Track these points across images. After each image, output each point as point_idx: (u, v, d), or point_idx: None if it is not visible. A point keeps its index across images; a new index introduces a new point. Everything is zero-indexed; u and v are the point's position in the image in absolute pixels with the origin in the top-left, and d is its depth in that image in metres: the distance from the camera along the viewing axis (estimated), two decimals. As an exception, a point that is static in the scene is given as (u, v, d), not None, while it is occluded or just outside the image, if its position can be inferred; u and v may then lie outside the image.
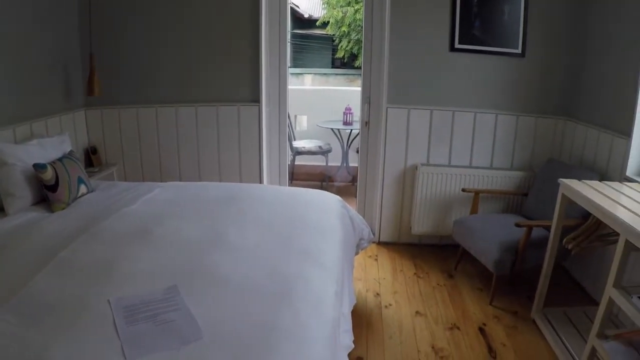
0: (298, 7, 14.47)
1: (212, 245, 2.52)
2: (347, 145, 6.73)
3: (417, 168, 4.36)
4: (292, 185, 5.78)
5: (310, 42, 14.92)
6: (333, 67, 14.53)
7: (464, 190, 4.21)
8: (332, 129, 6.65)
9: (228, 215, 2.97)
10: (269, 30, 4.47)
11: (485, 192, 4.22)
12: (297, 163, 6.87)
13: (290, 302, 2.02)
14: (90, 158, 4.44)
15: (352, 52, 13.67)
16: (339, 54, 13.93)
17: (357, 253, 3.53)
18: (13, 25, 3.50)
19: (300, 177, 7.02)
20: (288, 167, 5.09)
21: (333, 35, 13.86)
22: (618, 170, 3.40)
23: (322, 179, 6.85)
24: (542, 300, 3.33)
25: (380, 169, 4.50)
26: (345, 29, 13.46)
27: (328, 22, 13.66)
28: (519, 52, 4.15)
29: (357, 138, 5.32)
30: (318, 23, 14.08)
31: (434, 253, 4.47)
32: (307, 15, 14.95)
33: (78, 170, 3.45)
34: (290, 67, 11.50)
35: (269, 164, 4.79)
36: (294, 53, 14.23)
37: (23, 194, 3.12)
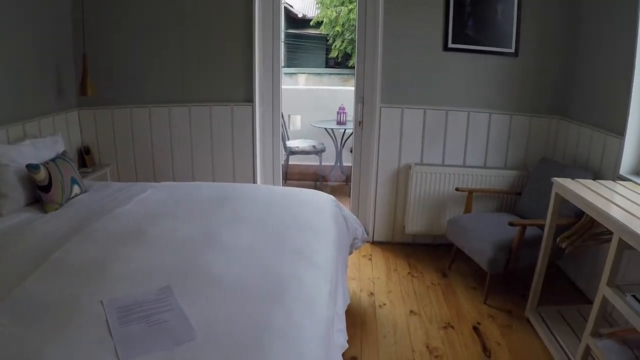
0: (292, 6, 14.47)
1: (205, 246, 2.51)
2: (340, 145, 6.73)
3: (410, 167, 4.36)
4: (285, 185, 5.77)
5: (304, 41, 14.92)
6: (327, 66, 14.54)
7: (458, 190, 4.22)
8: (325, 129, 6.65)
9: (221, 216, 2.96)
10: (263, 30, 4.46)
11: (479, 191, 4.23)
12: (290, 163, 6.86)
13: (284, 302, 2.02)
14: (84, 158, 4.42)
15: (345, 51, 13.69)
16: (333, 54, 13.94)
17: (351, 252, 3.52)
18: (5, 25, 3.48)
19: (294, 176, 7.01)
20: (282, 166, 5.08)
21: (327, 35, 13.86)
22: (611, 169, 3.41)
23: (315, 179, 6.85)
24: (536, 299, 3.33)
25: (374, 169, 4.50)
26: (339, 29, 13.47)
27: (322, 21, 13.67)
28: (513, 51, 4.16)
29: (350, 138, 5.32)
30: (312, 23, 14.08)
31: (428, 252, 4.47)
32: (300, 15, 14.95)
33: (71, 171, 3.44)
34: (284, 66, 11.51)
35: (263, 164, 4.78)
36: (288, 53, 14.22)
37: (16, 195, 3.11)
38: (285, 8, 13.54)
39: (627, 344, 2.37)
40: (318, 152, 6.58)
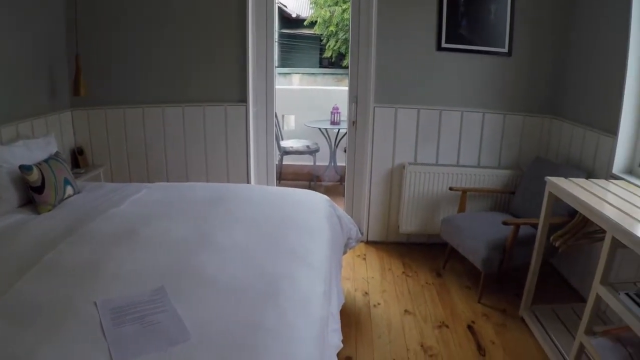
0: (285, 6, 14.46)
1: (199, 246, 2.51)
2: (334, 145, 6.72)
3: (404, 167, 4.36)
4: (280, 185, 5.77)
5: (298, 41, 14.91)
6: (321, 66, 14.54)
7: (452, 189, 4.22)
8: (319, 129, 6.64)
9: (215, 216, 2.95)
10: (256, 30, 4.45)
11: (473, 190, 4.23)
12: (284, 163, 6.86)
13: (278, 302, 2.01)
14: (77, 159, 4.39)
15: (339, 51, 13.69)
16: (327, 54, 13.94)
17: (345, 252, 3.52)
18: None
19: (288, 176, 7.01)
20: (276, 167, 5.07)
21: (321, 35, 13.86)
22: (604, 168, 3.42)
23: (310, 179, 6.84)
24: (530, 298, 3.34)
25: (368, 169, 4.50)
26: (333, 29, 13.47)
27: (316, 21, 13.66)
28: (506, 51, 4.17)
29: (344, 137, 5.32)
30: (306, 23, 14.08)
31: (422, 252, 4.47)
32: (294, 15, 14.94)
33: (64, 172, 3.42)
34: (278, 66, 11.51)
35: (257, 164, 4.77)
36: (282, 53, 14.22)
37: (9, 196, 3.09)
38: (279, 8, 13.53)
39: (620, 342, 2.38)
40: (312, 152, 6.57)
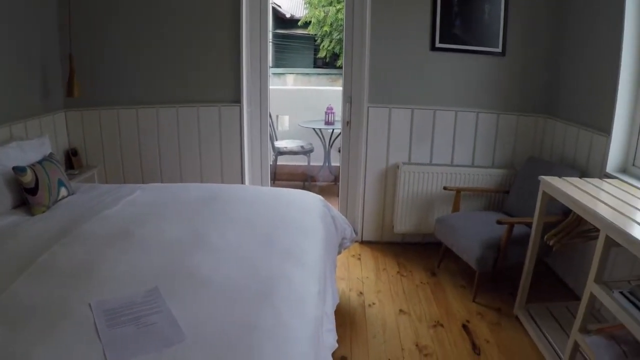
0: (280, 7, 14.48)
1: (193, 247, 2.50)
2: (329, 145, 6.73)
3: (398, 167, 4.36)
4: (274, 186, 5.77)
5: (292, 42, 14.93)
6: (315, 66, 14.56)
7: (446, 189, 4.23)
8: (314, 129, 6.64)
9: (210, 216, 2.94)
10: (250, 31, 4.45)
11: (467, 190, 4.24)
12: (279, 163, 6.85)
13: (272, 302, 2.01)
14: (71, 160, 4.37)
15: (334, 51, 13.70)
16: (321, 54, 13.95)
17: (339, 252, 3.52)
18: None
19: (283, 177, 7.00)
20: (270, 167, 5.07)
21: (315, 35, 13.87)
22: (598, 167, 3.43)
23: (304, 179, 6.84)
24: (524, 297, 3.35)
25: (362, 169, 4.50)
26: (327, 29, 13.48)
27: (310, 22, 13.68)
28: (500, 51, 4.17)
29: (339, 138, 5.32)
30: (300, 23, 14.09)
31: (417, 251, 4.48)
32: (288, 15, 14.96)
33: (58, 173, 3.41)
34: (272, 67, 11.49)
35: (251, 165, 4.77)
36: (276, 53, 14.23)
37: (2, 198, 3.07)
38: (273, 8, 13.54)
39: (614, 340, 2.39)
40: (306, 152, 6.57)
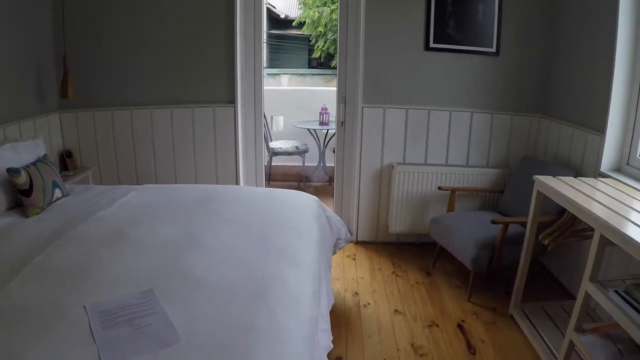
0: (274, 7, 14.45)
1: (188, 248, 2.49)
2: (323, 146, 6.73)
3: (393, 167, 4.36)
4: (269, 186, 5.76)
5: (287, 42, 14.91)
6: (310, 67, 14.54)
7: (441, 189, 4.23)
8: (308, 129, 6.65)
9: (204, 217, 2.94)
10: (245, 31, 4.44)
11: (462, 189, 4.24)
12: (273, 164, 6.84)
13: (267, 302, 2.00)
14: (65, 162, 4.35)
15: (328, 52, 13.68)
16: (316, 54, 13.93)
17: (334, 253, 3.51)
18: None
19: (278, 177, 7.00)
20: (265, 168, 5.07)
21: (309, 36, 13.86)
22: (592, 167, 3.44)
23: (299, 180, 6.84)
24: (519, 296, 3.35)
25: (357, 169, 4.50)
26: (322, 29, 13.47)
27: (304, 22, 13.66)
28: (494, 51, 4.18)
29: (333, 138, 5.31)
30: (294, 23, 14.07)
31: (412, 251, 4.48)
32: (283, 16, 14.94)
33: (52, 175, 3.39)
34: (267, 67, 11.48)
35: (246, 165, 4.76)
36: (271, 54, 14.20)
37: (-4, 199, 3.07)
38: (268, 8, 13.52)
39: (610, 339, 2.39)
40: (301, 152, 6.57)
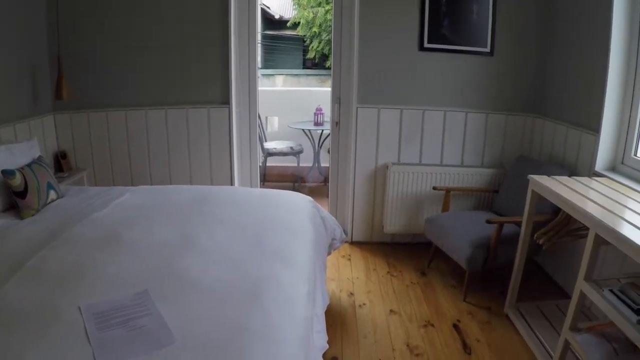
0: (268, 8, 14.45)
1: (183, 249, 2.48)
2: (318, 146, 6.72)
3: (388, 167, 4.36)
4: (264, 187, 5.75)
5: (281, 43, 14.90)
6: (304, 67, 14.54)
7: (435, 189, 4.23)
8: (303, 130, 6.63)
9: (199, 218, 2.93)
10: (239, 32, 4.43)
11: (456, 189, 4.24)
12: (268, 164, 6.84)
13: (262, 303, 2.00)
14: (60, 163, 4.33)
15: (323, 52, 13.69)
16: (310, 55, 13.94)
17: (329, 253, 3.51)
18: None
19: (272, 178, 6.99)
20: (260, 168, 5.06)
21: (304, 36, 13.86)
22: (587, 166, 3.45)
23: (294, 180, 6.83)
24: (514, 295, 3.36)
25: (352, 169, 4.49)
26: (316, 30, 13.48)
27: (299, 23, 13.66)
28: (488, 51, 4.19)
29: (328, 138, 5.32)
30: (289, 24, 14.08)
31: (407, 251, 4.47)
32: (277, 16, 14.93)
33: (47, 176, 3.37)
34: (261, 68, 11.47)
35: (240, 166, 4.75)
36: (265, 54, 14.20)
37: (-9, 201, 3.05)
38: (262, 9, 13.52)
39: (605, 338, 2.39)
40: (296, 153, 6.56)
